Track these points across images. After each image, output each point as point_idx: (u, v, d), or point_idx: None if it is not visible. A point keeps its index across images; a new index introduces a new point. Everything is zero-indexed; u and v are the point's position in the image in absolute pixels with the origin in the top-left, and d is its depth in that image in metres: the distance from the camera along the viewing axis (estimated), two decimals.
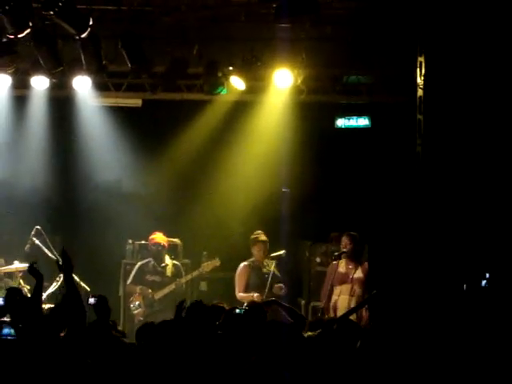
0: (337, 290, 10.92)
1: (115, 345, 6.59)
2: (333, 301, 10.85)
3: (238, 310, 7.45)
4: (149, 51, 11.43)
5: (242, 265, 11.42)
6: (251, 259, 11.44)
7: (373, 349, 6.49)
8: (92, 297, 6.93)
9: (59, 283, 11.34)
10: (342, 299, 10.87)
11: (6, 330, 5.85)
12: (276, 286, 11.11)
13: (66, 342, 6.51)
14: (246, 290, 11.24)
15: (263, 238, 11.46)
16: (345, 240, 11.02)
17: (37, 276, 7.10)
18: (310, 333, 7.25)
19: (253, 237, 11.50)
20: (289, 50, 11.60)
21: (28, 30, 10.33)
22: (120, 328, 8.54)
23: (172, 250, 12.39)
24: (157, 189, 13.43)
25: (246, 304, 8.39)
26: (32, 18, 10.36)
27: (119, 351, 6.45)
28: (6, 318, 6.68)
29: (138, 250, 12.71)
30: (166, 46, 11.60)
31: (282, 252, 11.42)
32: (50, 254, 11.72)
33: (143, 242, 12.64)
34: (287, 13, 10.26)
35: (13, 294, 6.57)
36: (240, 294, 11.21)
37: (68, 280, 6.96)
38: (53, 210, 13.11)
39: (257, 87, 12.62)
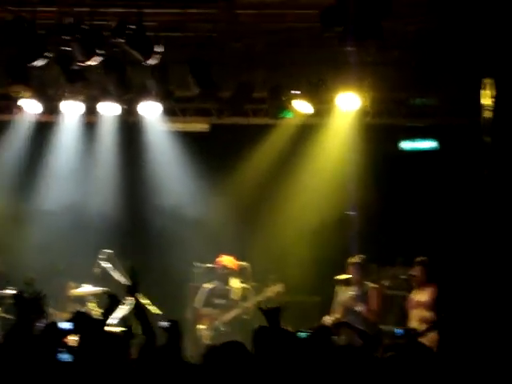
0: (411, 314, 10.86)
1: (186, 368, 6.62)
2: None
3: (301, 334, 7.41)
4: (215, 76, 11.56)
5: None
6: None
7: (442, 372, 6.40)
8: (164, 320, 6.96)
9: (128, 307, 11.47)
10: (414, 324, 10.79)
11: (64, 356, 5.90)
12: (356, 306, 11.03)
13: (137, 365, 6.58)
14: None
15: (352, 260, 11.34)
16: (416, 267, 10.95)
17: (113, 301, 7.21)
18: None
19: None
20: (354, 73, 11.62)
21: (98, 58, 10.58)
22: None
23: (241, 274, 12.43)
24: (224, 212, 13.50)
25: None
26: (102, 46, 10.61)
27: (189, 374, 6.48)
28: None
29: (206, 273, 12.77)
30: (232, 70, 11.71)
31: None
32: (117, 278, 11.88)
33: (210, 265, 12.71)
34: (351, 38, 10.30)
35: (80, 317, 6.62)
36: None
37: (136, 300, 7.05)
38: (122, 234, 13.26)
39: (322, 110, 12.65)
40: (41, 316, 7.48)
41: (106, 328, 7.28)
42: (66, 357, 5.62)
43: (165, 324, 6.88)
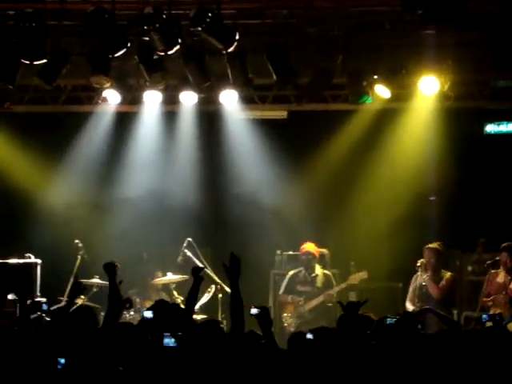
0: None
1: (274, 353, 6.61)
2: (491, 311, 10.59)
3: (388, 320, 7.35)
4: (293, 62, 11.50)
5: None
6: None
7: None
8: (254, 307, 6.94)
9: (211, 294, 11.56)
10: (495, 310, 10.60)
11: (166, 340, 5.93)
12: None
13: (224, 351, 6.60)
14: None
15: (429, 245, 11.20)
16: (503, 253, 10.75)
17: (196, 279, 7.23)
18: None
19: None
20: (434, 57, 11.44)
21: (177, 47, 10.63)
22: None
23: (321, 260, 12.41)
24: (303, 199, 13.46)
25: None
26: (181, 35, 10.66)
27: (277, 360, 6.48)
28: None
29: (287, 260, 12.80)
30: (310, 56, 11.63)
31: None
32: (200, 265, 11.96)
33: (291, 252, 12.71)
34: (433, 19, 10.12)
35: (161, 306, 6.63)
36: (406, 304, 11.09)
37: (234, 286, 7.06)
38: (202, 223, 13.35)
39: (402, 95, 12.50)
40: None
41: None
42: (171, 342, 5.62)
43: (255, 311, 6.86)
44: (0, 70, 11.19)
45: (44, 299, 11.59)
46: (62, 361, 4.95)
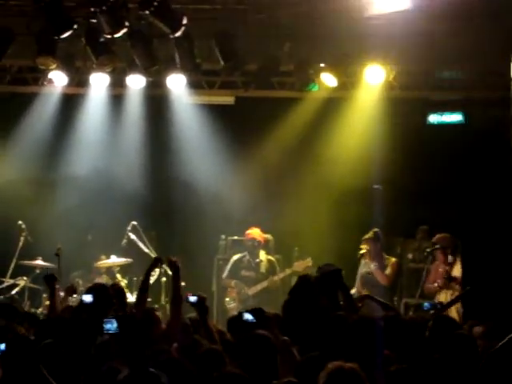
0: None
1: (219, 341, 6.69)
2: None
3: None
4: (241, 49, 11.55)
5: None
6: None
7: (467, 346, 6.42)
8: (192, 295, 6.99)
9: (155, 277, 11.58)
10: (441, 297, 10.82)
11: (108, 325, 5.91)
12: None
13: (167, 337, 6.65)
14: None
15: (365, 237, 11.42)
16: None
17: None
18: None
19: None
20: (380, 46, 11.56)
21: (124, 30, 10.59)
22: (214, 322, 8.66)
23: (265, 246, 12.50)
24: (248, 185, 13.52)
25: None
26: (128, 18, 10.62)
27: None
28: None
29: (231, 245, 12.86)
30: (258, 43, 11.68)
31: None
32: (145, 249, 11.99)
33: (236, 237, 12.78)
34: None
35: (100, 290, 6.62)
36: None
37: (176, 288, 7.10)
38: (147, 206, 13.33)
39: (348, 83, 12.64)
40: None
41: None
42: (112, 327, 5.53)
43: (193, 299, 6.91)
44: None
45: None
46: (1, 346, 4.92)
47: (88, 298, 6.74)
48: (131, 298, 10.62)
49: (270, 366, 5.94)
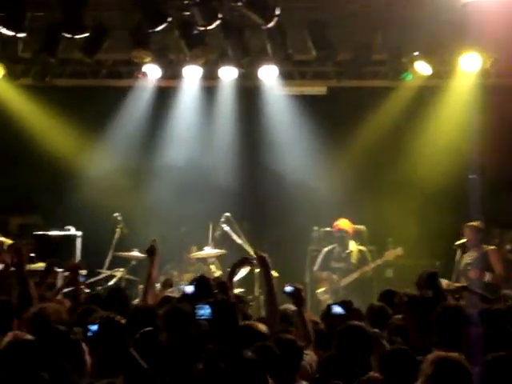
0: None
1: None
2: None
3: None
4: (333, 38, 11.48)
5: None
6: None
7: None
8: (288, 285, 7.00)
9: (248, 268, 11.59)
10: None
11: (201, 311, 5.90)
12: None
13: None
14: None
15: (469, 224, 11.12)
16: None
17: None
18: None
19: None
20: (476, 33, 11.31)
21: (217, 22, 10.66)
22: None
23: (357, 237, 12.40)
24: (341, 176, 13.43)
25: None
26: (221, 10, 10.68)
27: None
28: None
29: (324, 236, 12.79)
30: (350, 32, 11.57)
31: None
32: (238, 241, 12.02)
33: (328, 228, 12.71)
34: None
35: (201, 282, 6.65)
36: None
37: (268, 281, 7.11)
38: (239, 197, 13.36)
39: (442, 72, 12.42)
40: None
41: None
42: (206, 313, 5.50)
43: (289, 289, 6.91)
44: (42, 44, 11.32)
45: (84, 271, 11.79)
46: (94, 327, 4.96)
47: (189, 289, 6.81)
48: None
49: (365, 357, 5.90)
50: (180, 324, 5.83)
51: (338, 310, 6.81)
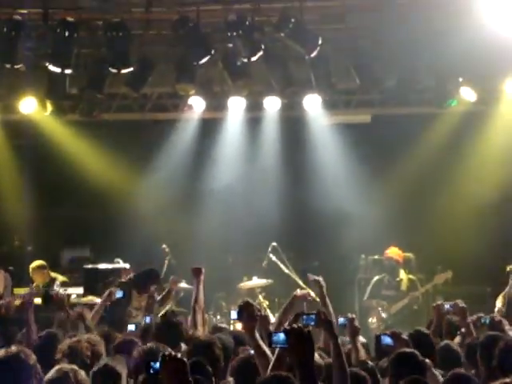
0: None
1: None
2: None
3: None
4: (377, 67, 11.48)
5: None
6: None
7: None
8: (341, 317, 7.03)
9: None
10: None
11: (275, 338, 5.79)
12: None
13: None
14: None
15: None
16: None
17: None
18: None
19: None
20: None
21: (260, 53, 10.74)
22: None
23: (405, 265, 12.33)
24: (386, 203, 13.37)
25: None
26: (263, 41, 10.77)
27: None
28: None
29: (372, 264, 12.74)
30: (394, 59, 11.54)
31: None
32: (285, 270, 12.01)
33: (376, 256, 12.66)
34: None
35: (244, 307, 6.65)
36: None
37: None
38: (285, 227, 13.35)
39: (488, 98, 12.33)
40: None
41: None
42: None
43: (343, 320, 6.93)
44: (89, 80, 11.50)
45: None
46: (156, 365, 4.98)
47: (234, 315, 6.87)
48: (273, 319, 10.63)
49: None
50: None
51: (387, 340, 6.79)
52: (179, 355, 4.77)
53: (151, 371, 4.92)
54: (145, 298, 9.47)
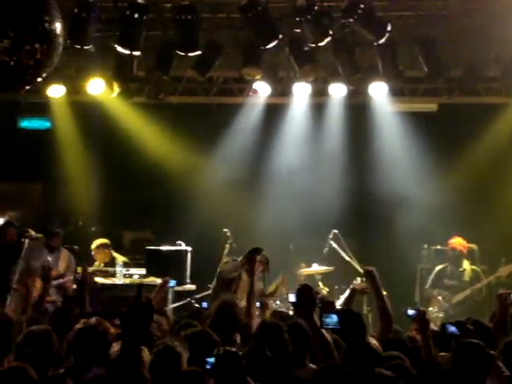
0: None
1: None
2: None
3: None
4: (445, 54, 11.35)
5: None
6: None
7: None
8: (411, 309, 6.90)
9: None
10: None
11: (328, 320, 5.77)
12: None
13: None
14: None
15: None
16: None
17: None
18: None
19: None
20: None
21: (328, 39, 10.68)
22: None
23: (469, 256, 12.20)
24: (451, 194, 13.21)
25: None
26: (332, 27, 10.70)
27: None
28: None
29: (434, 254, 12.64)
30: (463, 48, 11.41)
31: None
32: (346, 258, 11.97)
33: (439, 246, 12.54)
34: None
35: (303, 291, 6.62)
36: None
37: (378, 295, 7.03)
38: (347, 215, 13.28)
39: None
40: None
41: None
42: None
43: (413, 312, 6.82)
44: (156, 62, 11.57)
45: (193, 286, 11.94)
46: (211, 360, 5.01)
47: (292, 298, 6.84)
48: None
49: (481, 377, 5.77)
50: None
51: (452, 329, 6.69)
52: (233, 349, 4.80)
53: (206, 366, 4.97)
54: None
